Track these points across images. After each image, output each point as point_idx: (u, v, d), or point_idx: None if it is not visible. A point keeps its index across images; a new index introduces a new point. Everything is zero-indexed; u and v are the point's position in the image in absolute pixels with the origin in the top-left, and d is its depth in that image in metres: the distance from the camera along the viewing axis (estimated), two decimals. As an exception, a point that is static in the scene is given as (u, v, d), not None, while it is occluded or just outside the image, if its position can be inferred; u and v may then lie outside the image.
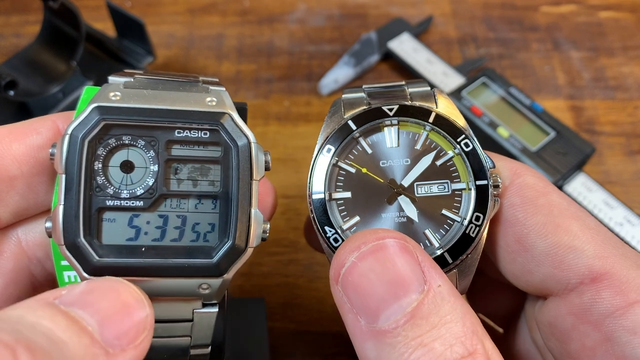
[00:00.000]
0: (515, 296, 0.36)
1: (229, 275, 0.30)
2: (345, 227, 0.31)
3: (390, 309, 0.25)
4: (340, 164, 0.32)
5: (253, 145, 0.31)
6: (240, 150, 0.30)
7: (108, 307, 0.24)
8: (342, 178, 0.32)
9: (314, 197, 0.32)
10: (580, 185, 0.56)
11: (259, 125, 0.64)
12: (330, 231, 0.31)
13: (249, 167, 0.30)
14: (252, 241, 0.30)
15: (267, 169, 0.31)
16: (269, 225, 0.31)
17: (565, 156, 0.57)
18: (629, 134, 0.63)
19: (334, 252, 0.30)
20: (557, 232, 0.29)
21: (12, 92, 0.54)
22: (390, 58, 0.69)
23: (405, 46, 0.68)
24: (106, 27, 0.67)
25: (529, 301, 0.34)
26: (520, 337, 0.36)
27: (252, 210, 0.30)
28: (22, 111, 0.57)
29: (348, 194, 0.32)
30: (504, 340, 0.37)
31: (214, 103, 0.31)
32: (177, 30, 0.73)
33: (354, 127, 0.32)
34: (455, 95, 0.62)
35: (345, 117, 0.33)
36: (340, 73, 0.66)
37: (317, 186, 0.32)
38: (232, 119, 0.31)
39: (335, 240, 0.31)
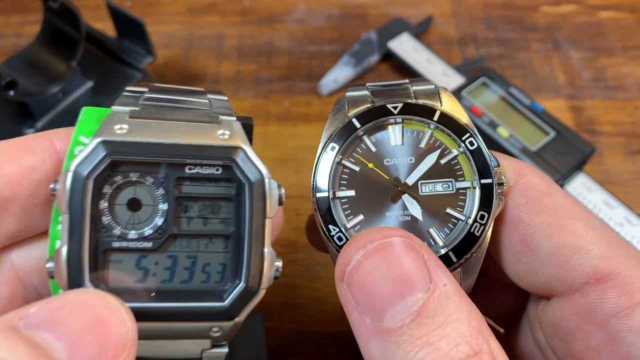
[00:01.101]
0: (517, 296, 0.36)
1: (240, 318, 0.29)
2: (349, 225, 0.31)
3: (396, 308, 0.24)
4: (344, 162, 0.32)
5: (267, 181, 0.29)
6: (254, 187, 0.29)
7: (79, 326, 0.21)
8: (346, 176, 0.32)
9: (318, 195, 0.32)
10: (580, 185, 0.56)
11: (259, 125, 0.64)
12: (335, 230, 0.31)
13: (262, 205, 0.29)
14: (265, 282, 0.29)
15: (281, 203, 0.30)
16: (281, 263, 0.30)
17: (565, 156, 0.57)
18: (629, 134, 0.63)
19: (338, 251, 0.30)
20: (561, 233, 0.29)
21: (12, 92, 0.54)
22: (390, 58, 0.69)
23: (405, 46, 0.68)
24: (106, 27, 0.67)
25: (531, 301, 0.34)
26: (522, 337, 0.36)
27: (266, 250, 0.29)
28: (22, 111, 0.57)
29: (352, 193, 0.32)
30: (505, 340, 0.37)
31: (226, 136, 0.30)
32: (177, 30, 0.73)
33: (358, 125, 0.32)
34: (455, 95, 0.62)
35: (349, 115, 0.32)
36: (340, 73, 0.66)
37: (321, 184, 0.32)
38: (246, 154, 0.30)
39: (340, 239, 0.31)
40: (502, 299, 0.38)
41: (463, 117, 0.32)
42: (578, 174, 0.57)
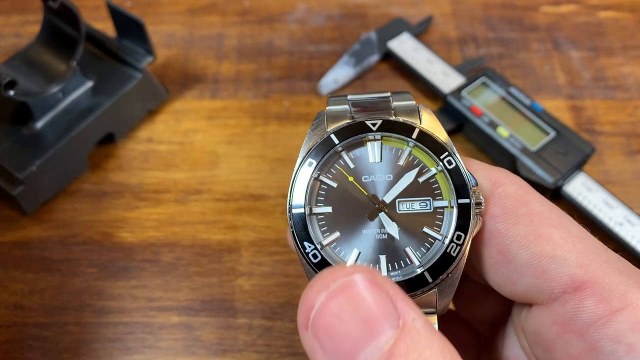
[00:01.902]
0: (501, 301, 0.36)
1: None
2: (325, 242, 0.31)
3: (367, 350, 0.23)
4: (321, 178, 0.32)
5: None
6: None
7: None
8: (324, 192, 0.32)
9: (294, 211, 0.31)
10: (580, 185, 0.56)
11: (259, 125, 0.64)
12: (310, 247, 0.31)
13: None
14: None
15: None
16: None
17: (565, 156, 0.57)
18: (629, 134, 0.63)
19: (312, 268, 0.30)
20: (538, 242, 0.29)
21: (12, 92, 0.54)
22: (390, 58, 0.69)
23: (405, 46, 0.68)
24: (106, 27, 0.67)
25: (515, 307, 0.34)
26: (508, 343, 0.35)
27: None
28: (22, 111, 0.57)
29: (329, 209, 0.32)
30: (492, 346, 0.37)
31: None
32: (177, 30, 0.73)
33: (336, 141, 0.32)
34: (455, 95, 0.62)
35: (328, 130, 0.32)
36: (340, 73, 0.66)
37: (298, 200, 0.31)
38: None
39: (315, 256, 0.31)
40: (487, 304, 0.38)
41: (442, 135, 0.32)
42: (578, 173, 0.57)
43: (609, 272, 0.28)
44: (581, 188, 0.56)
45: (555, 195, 0.57)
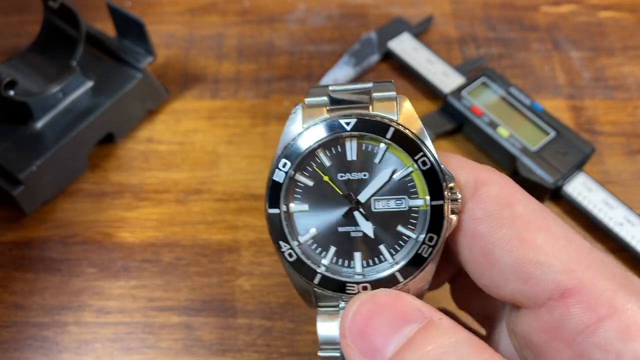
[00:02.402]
0: (494, 299, 0.36)
1: None
2: (301, 241, 0.31)
3: (392, 340, 0.26)
4: (297, 176, 0.32)
5: None
6: None
7: None
8: (300, 191, 0.32)
9: (270, 211, 0.31)
10: (580, 185, 0.56)
11: (259, 125, 0.64)
12: (285, 246, 0.31)
13: None
14: None
15: None
16: None
17: (565, 156, 0.57)
18: (629, 134, 0.63)
19: (289, 267, 0.31)
20: (522, 247, 0.28)
21: (12, 92, 0.54)
22: (390, 58, 0.69)
23: (405, 46, 0.68)
24: (106, 27, 0.67)
25: (507, 306, 0.34)
26: (503, 339, 0.35)
27: None
28: (22, 111, 0.57)
29: (305, 207, 0.32)
30: (489, 341, 0.37)
31: None
32: (177, 30, 0.73)
33: (311, 139, 0.31)
34: (455, 95, 0.62)
35: (303, 126, 0.31)
36: (340, 73, 0.66)
37: (273, 199, 0.31)
38: None
39: (290, 255, 0.31)
40: (483, 297, 0.37)
41: (415, 126, 0.31)
42: (578, 173, 0.57)
43: (595, 277, 0.27)
44: (581, 188, 0.56)
45: (555, 195, 0.57)
